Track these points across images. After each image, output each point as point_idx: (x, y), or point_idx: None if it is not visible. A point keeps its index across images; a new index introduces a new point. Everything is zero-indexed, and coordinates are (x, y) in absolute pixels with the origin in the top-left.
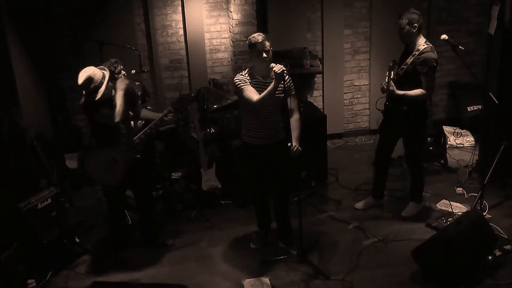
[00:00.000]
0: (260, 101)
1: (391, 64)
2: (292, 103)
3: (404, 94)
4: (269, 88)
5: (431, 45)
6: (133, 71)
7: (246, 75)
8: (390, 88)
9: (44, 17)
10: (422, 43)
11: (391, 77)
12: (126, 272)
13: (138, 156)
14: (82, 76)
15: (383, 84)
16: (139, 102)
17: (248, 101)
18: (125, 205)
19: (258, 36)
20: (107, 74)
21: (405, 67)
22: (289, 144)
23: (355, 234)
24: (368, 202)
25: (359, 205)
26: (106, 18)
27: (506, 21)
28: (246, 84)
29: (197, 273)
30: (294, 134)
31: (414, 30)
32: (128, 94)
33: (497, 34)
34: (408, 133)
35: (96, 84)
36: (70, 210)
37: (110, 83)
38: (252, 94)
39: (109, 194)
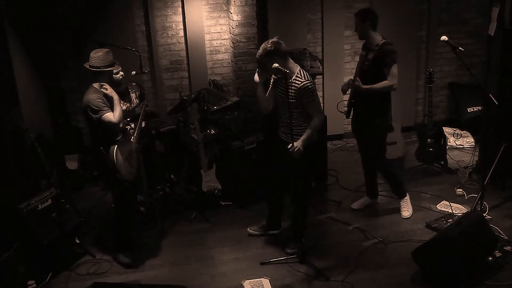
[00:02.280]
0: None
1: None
2: (309, 109)
3: (370, 88)
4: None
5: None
6: (134, 72)
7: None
8: (356, 83)
9: (45, 18)
10: (379, 39)
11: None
12: (126, 273)
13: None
14: (100, 50)
15: (349, 80)
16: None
17: None
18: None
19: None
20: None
21: (367, 63)
22: (290, 145)
23: (355, 235)
24: (363, 201)
25: (355, 205)
26: (107, 20)
27: (506, 22)
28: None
29: (197, 274)
30: (303, 135)
31: (367, 26)
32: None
33: (497, 35)
34: (368, 131)
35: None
36: (70, 211)
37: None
38: None
39: (128, 192)
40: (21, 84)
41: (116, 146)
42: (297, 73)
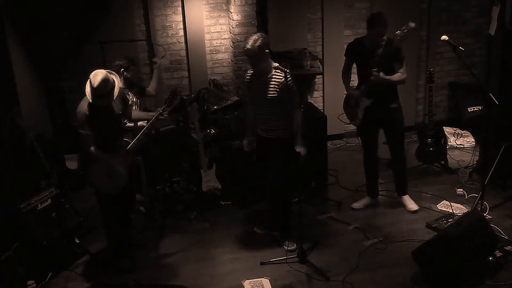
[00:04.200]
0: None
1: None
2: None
3: (390, 78)
4: None
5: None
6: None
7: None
8: (380, 75)
9: (44, 18)
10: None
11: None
12: (126, 273)
13: (139, 158)
14: (97, 78)
15: (369, 78)
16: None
17: None
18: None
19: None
20: (116, 78)
21: (377, 58)
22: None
23: (356, 235)
24: (364, 201)
25: (356, 205)
26: (106, 19)
27: (506, 22)
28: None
29: (197, 274)
30: (298, 141)
31: None
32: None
33: (497, 35)
34: (394, 126)
35: (111, 85)
36: (70, 211)
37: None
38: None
39: (112, 201)
40: (21, 84)
41: (93, 162)
42: (277, 69)
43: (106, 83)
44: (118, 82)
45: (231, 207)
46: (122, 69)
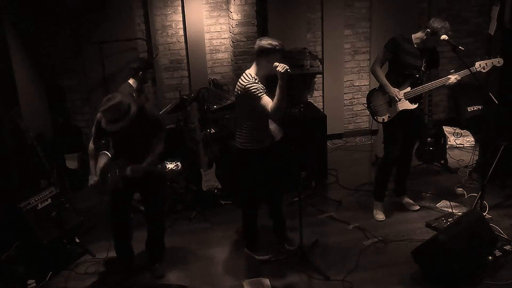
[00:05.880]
0: (275, 110)
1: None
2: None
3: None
4: (278, 93)
5: None
6: None
7: (257, 81)
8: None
9: (44, 17)
10: None
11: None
12: (126, 273)
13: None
14: (108, 103)
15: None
16: None
17: (263, 110)
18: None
19: (276, 42)
20: (133, 104)
21: (425, 64)
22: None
23: (355, 234)
24: (382, 209)
25: (380, 217)
26: (106, 19)
27: (506, 22)
28: (262, 93)
29: (197, 274)
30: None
31: None
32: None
33: (497, 35)
34: (419, 127)
35: (124, 111)
36: (70, 211)
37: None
38: (268, 103)
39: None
40: (21, 84)
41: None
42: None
43: (118, 108)
44: (134, 109)
45: (231, 207)
46: (140, 72)
